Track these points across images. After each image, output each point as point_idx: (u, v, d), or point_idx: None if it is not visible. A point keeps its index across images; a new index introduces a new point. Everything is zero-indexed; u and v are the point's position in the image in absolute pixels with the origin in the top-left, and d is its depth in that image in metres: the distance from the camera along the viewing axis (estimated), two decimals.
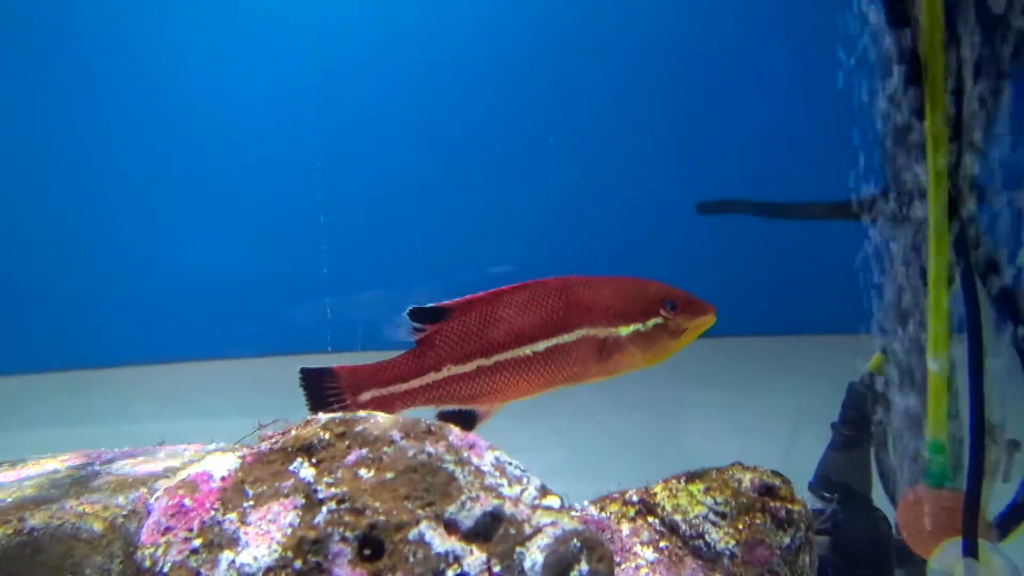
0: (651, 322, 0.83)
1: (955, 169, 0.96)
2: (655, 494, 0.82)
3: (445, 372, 0.84)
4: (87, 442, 0.88)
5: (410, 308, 0.84)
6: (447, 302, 0.85)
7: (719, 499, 0.79)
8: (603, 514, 0.82)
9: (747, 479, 0.81)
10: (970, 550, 0.86)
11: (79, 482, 0.73)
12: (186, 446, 0.84)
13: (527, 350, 0.83)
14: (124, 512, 0.68)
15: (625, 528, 0.80)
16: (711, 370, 3.12)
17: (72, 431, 2.53)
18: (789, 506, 0.78)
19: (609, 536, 0.79)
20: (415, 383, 0.84)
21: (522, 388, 0.85)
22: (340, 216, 3.38)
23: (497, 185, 3.51)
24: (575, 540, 0.69)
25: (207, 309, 3.44)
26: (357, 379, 0.85)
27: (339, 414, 0.79)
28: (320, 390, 0.85)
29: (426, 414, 0.86)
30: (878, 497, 1.25)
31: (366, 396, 0.85)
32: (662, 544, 0.78)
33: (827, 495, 1.26)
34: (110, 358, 3.33)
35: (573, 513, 0.82)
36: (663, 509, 0.80)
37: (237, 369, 3.31)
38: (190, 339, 3.41)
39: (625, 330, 0.83)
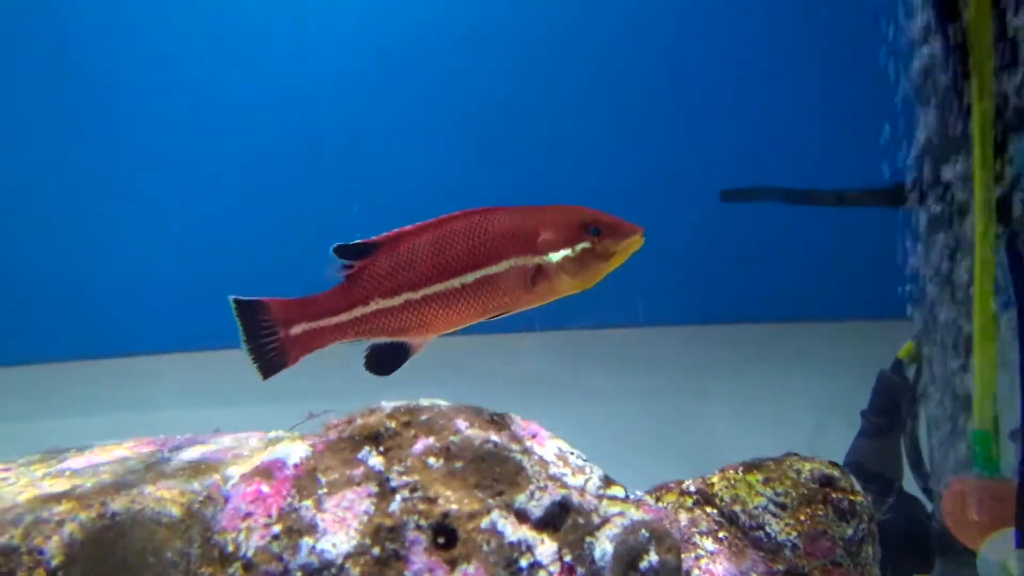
0: (579, 247, 0.83)
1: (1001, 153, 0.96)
2: (713, 484, 0.83)
3: (373, 306, 0.84)
4: (118, 431, 0.88)
5: (336, 245, 0.84)
6: (374, 237, 0.85)
7: (779, 490, 0.79)
8: (660, 504, 0.83)
9: (806, 470, 0.81)
10: (1023, 541, 0.87)
11: (151, 468, 0.74)
12: (248, 433, 0.85)
13: (456, 282, 0.83)
14: (200, 498, 0.69)
15: (683, 518, 0.81)
16: (728, 358, 3.11)
17: (96, 420, 2.53)
18: (851, 498, 0.78)
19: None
20: (344, 317, 0.84)
21: (453, 320, 0.84)
22: (363, 204, 3.38)
23: (491, 173, 3.49)
24: (643, 530, 0.70)
25: (221, 298, 3.44)
26: (288, 312, 0.85)
27: (403, 403, 0.79)
28: (254, 322, 0.86)
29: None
30: (908, 485, 1.26)
31: (297, 329, 0.85)
32: (721, 535, 0.79)
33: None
34: (127, 347, 3.33)
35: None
36: (721, 500, 0.81)
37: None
38: (203, 328, 3.42)
39: (555, 256, 0.83)
